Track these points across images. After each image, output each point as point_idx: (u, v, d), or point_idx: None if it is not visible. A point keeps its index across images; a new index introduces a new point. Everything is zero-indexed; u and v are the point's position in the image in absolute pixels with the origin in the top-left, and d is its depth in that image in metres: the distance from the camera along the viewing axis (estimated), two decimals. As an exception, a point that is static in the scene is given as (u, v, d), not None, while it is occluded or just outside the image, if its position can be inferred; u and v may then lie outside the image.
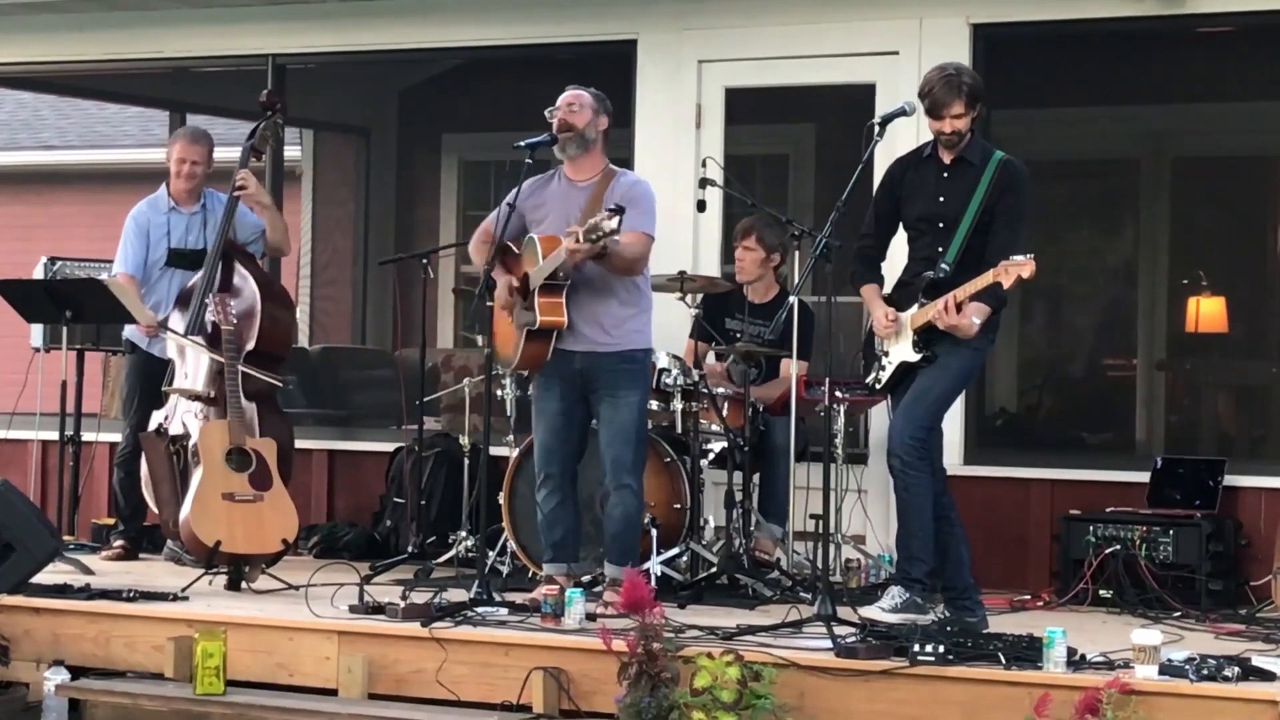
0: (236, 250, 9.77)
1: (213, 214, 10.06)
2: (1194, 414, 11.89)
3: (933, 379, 7.95)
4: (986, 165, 7.97)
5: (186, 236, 10.11)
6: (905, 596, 7.88)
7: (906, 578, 7.95)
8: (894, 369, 8.11)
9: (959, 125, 7.94)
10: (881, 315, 8.08)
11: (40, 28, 11.91)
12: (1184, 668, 6.69)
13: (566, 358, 8.43)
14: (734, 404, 9.44)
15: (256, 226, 10.02)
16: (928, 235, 8.07)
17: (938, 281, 7.92)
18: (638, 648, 7.01)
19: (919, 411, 7.91)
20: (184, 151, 10.14)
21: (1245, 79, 10.81)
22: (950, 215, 7.97)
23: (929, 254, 8.04)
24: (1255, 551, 9.33)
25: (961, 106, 7.90)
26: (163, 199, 10.19)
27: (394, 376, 12.04)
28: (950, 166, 8.05)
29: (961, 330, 7.85)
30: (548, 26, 10.88)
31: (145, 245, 10.07)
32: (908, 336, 8.03)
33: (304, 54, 11.65)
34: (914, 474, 7.89)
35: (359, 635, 7.83)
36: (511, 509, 9.41)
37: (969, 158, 8.01)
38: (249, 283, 9.60)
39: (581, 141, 8.47)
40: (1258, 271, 11.68)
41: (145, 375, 10.00)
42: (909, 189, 8.13)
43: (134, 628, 8.26)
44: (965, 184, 7.97)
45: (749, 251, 9.89)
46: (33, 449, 11.79)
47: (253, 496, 9.03)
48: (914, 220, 8.14)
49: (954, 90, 7.91)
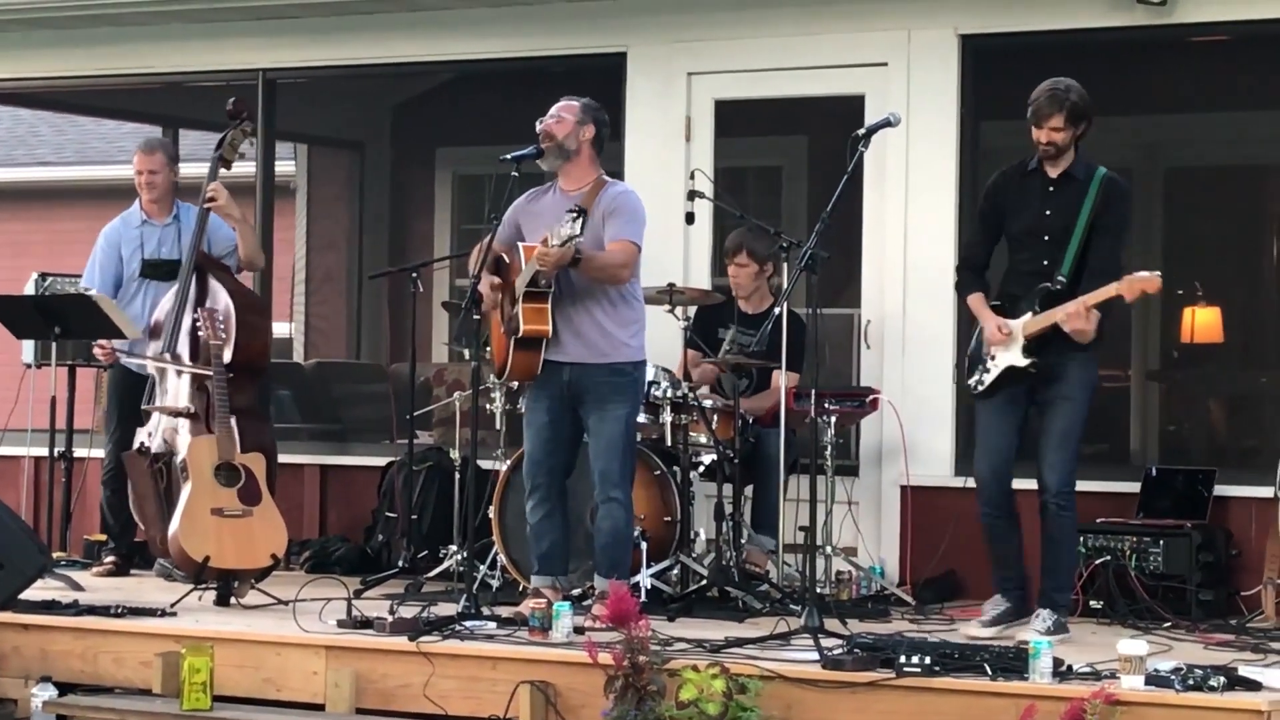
0: (210, 263, 9.78)
1: (186, 226, 10.08)
2: (1188, 424, 11.87)
3: (1069, 419, 8.22)
4: (1091, 181, 8.20)
5: (160, 248, 10.14)
6: (1055, 618, 8.13)
7: (1055, 604, 8.21)
8: (999, 373, 8.29)
9: (1056, 138, 8.16)
10: (994, 325, 8.28)
11: (33, 44, 11.93)
12: (1170, 678, 6.68)
13: (556, 370, 8.42)
14: (724, 416, 9.42)
15: (230, 240, 10.01)
16: (1033, 247, 8.28)
17: (1055, 293, 8.14)
18: (624, 661, 7.01)
19: (1067, 454, 8.23)
20: (140, 163, 10.19)
21: (1237, 88, 10.79)
22: (1057, 228, 8.19)
23: (1034, 266, 8.25)
24: (1246, 561, 9.30)
25: (1061, 120, 8.14)
26: (135, 214, 10.24)
27: (388, 391, 12.05)
28: (1055, 181, 8.26)
29: (1085, 334, 8.07)
30: (539, 40, 10.89)
31: (117, 260, 10.12)
32: (1018, 343, 8.22)
33: (295, 68, 11.66)
34: (1068, 514, 8.24)
35: (346, 650, 7.83)
36: (502, 523, 9.40)
37: (1074, 173, 8.25)
38: (223, 295, 9.61)
39: (561, 152, 8.48)
40: (1252, 281, 11.67)
41: (124, 391, 10.02)
42: (1013, 202, 8.36)
43: (122, 643, 8.26)
44: (1071, 199, 8.20)
45: (742, 268, 9.88)
46: (25, 465, 11.78)
47: (241, 512, 9.02)
48: (1019, 232, 8.35)
49: (1057, 104, 8.15)
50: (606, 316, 8.43)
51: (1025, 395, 8.32)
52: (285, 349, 14.27)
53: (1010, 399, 8.31)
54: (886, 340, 10.13)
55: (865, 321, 10.26)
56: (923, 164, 10.02)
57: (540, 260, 8.12)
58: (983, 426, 8.47)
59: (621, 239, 8.34)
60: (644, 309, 8.66)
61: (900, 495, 9.99)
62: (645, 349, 8.65)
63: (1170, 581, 9.09)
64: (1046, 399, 8.27)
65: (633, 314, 8.52)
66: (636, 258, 8.43)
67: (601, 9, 10.68)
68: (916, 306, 10.08)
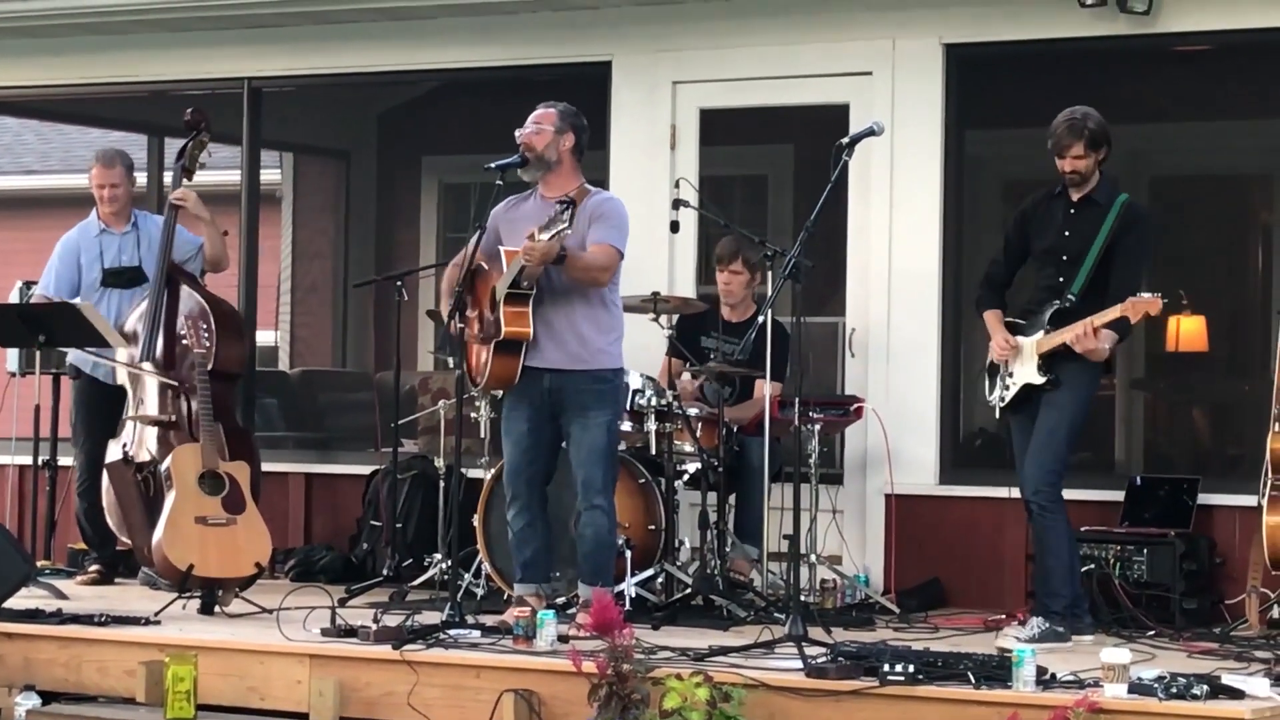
0: (178, 271, 9.81)
1: (145, 233, 10.15)
2: (1173, 433, 11.88)
3: (1055, 420, 8.43)
4: (1112, 205, 8.48)
5: (120, 256, 10.17)
6: (1045, 626, 8.20)
7: (1047, 610, 8.29)
8: (1018, 389, 8.54)
9: (1079, 165, 8.47)
10: (1000, 340, 8.58)
11: (15, 52, 11.91)
12: (1153, 686, 6.69)
13: (535, 377, 8.41)
14: (708, 424, 9.43)
15: (192, 243, 10.06)
16: (1051, 267, 8.58)
17: (1064, 310, 8.43)
18: (608, 669, 7.01)
19: (1049, 455, 8.41)
20: (101, 176, 10.23)
21: (1221, 97, 10.80)
22: (1075, 250, 8.48)
23: (1052, 284, 8.55)
24: (1230, 570, 9.32)
25: (1081, 149, 8.43)
26: (93, 223, 10.27)
27: (373, 399, 12.04)
28: (1078, 204, 8.58)
29: (1097, 354, 8.34)
30: (523, 49, 10.90)
31: (75, 268, 10.14)
32: (1033, 360, 8.47)
33: (281, 77, 11.65)
34: (1052, 516, 8.38)
35: (330, 658, 7.82)
36: (486, 531, 9.39)
37: (1096, 198, 8.53)
38: (195, 303, 9.62)
39: (541, 163, 8.48)
40: (1237, 290, 11.68)
41: (91, 401, 10.05)
42: (1038, 223, 8.69)
43: (106, 652, 8.25)
44: (1091, 222, 8.48)
45: (736, 275, 9.89)
46: (9, 474, 11.76)
47: (225, 520, 9.02)
48: (1040, 252, 8.65)
49: (1075, 133, 8.45)
50: (587, 322, 8.42)
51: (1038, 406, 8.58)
52: (271, 357, 14.27)
53: (1033, 413, 8.55)
54: (871, 349, 10.13)
55: (850, 330, 10.26)
56: (907, 173, 10.04)
57: (527, 254, 8.11)
58: (1017, 441, 8.68)
59: (604, 243, 8.34)
60: (623, 317, 8.65)
61: (885, 504, 10.00)
62: (624, 356, 8.65)
63: (1154, 590, 9.11)
64: (1045, 401, 8.49)
65: (612, 321, 8.51)
66: (617, 263, 8.43)
67: (586, 18, 10.69)
68: (901, 315, 10.09)
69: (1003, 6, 9.87)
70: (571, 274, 8.29)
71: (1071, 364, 8.42)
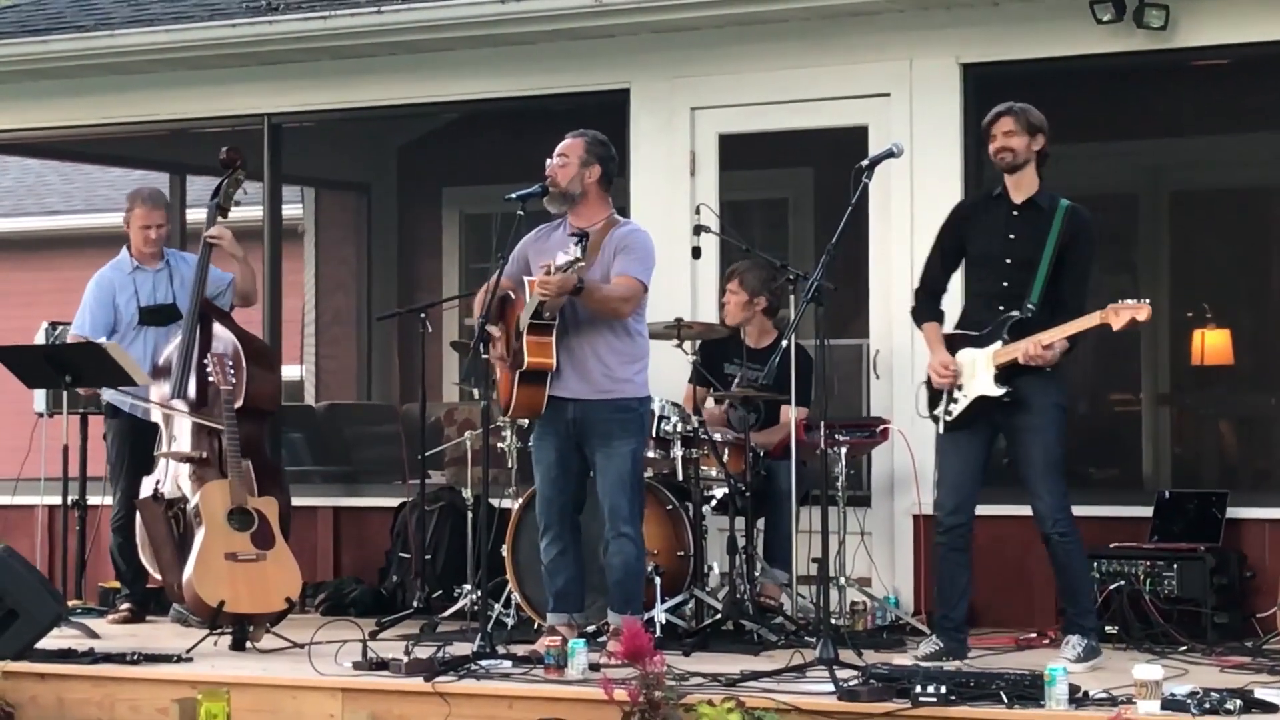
0: (211, 309, 9.86)
1: (177, 270, 10.19)
2: (1200, 447, 11.87)
3: (1044, 443, 8.20)
4: (1055, 211, 8.25)
5: (155, 294, 10.20)
6: (1086, 643, 8.17)
7: (1083, 629, 8.25)
8: (969, 403, 8.27)
9: (1011, 142, 8.21)
10: (939, 363, 8.31)
11: (39, 94, 11.99)
12: (1186, 702, 6.68)
13: (560, 407, 8.42)
14: (734, 450, 9.43)
15: (222, 280, 10.12)
16: (996, 272, 8.30)
17: (1024, 320, 8.17)
18: (639, 697, 7.01)
19: (1054, 482, 8.22)
20: (148, 218, 10.25)
21: (1239, 111, 10.82)
22: (1023, 254, 8.23)
23: (995, 289, 8.28)
24: (1260, 583, 9.29)
25: (1011, 124, 8.24)
26: (125, 261, 10.30)
27: (399, 431, 12.07)
28: (1020, 208, 8.32)
29: (1047, 361, 8.09)
30: (541, 78, 10.92)
31: (111, 309, 10.16)
32: (989, 371, 8.21)
33: (300, 112, 11.70)
34: (1071, 540, 8.25)
35: (363, 692, 7.82)
36: (515, 561, 9.40)
37: (1039, 201, 8.31)
38: (227, 340, 9.65)
39: (564, 198, 8.47)
40: (1261, 302, 11.68)
41: (130, 439, 10.07)
42: (976, 227, 8.42)
43: (138, 690, 8.25)
44: (1037, 226, 8.25)
45: (733, 295, 9.93)
46: (39, 514, 11.80)
47: (255, 556, 9.04)
48: (979, 256, 8.40)
49: (1007, 110, 8.24)
50: (610, 352, 8.42)
51: (991, 425, 8.33)
52: (296, 392, 14.31)
53: (978, 430, 8.31)
54: (895, 370, 10.13)
55: (874, 351, 10.27)
56: (927, 193, 10.03)
57: (542, 288, 8.12)
58: (949, 460, 8.40)
59: (627, 275, 8.35)
60: (648, 345, 8.64)
61: (913, 524, 9.99)
62: (649, 385, 8.65)
63: (1185, 605, 9.08)
64: (1015, 427, 8.26)
65: (636, 350, 8.51)
66: (641, 295, 8.42)
67: (604, 46, 10.72)
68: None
69: (1019, 25, 9.87)
70: (590, 305, 8.30)
71: (1031, 375, 8.16)
